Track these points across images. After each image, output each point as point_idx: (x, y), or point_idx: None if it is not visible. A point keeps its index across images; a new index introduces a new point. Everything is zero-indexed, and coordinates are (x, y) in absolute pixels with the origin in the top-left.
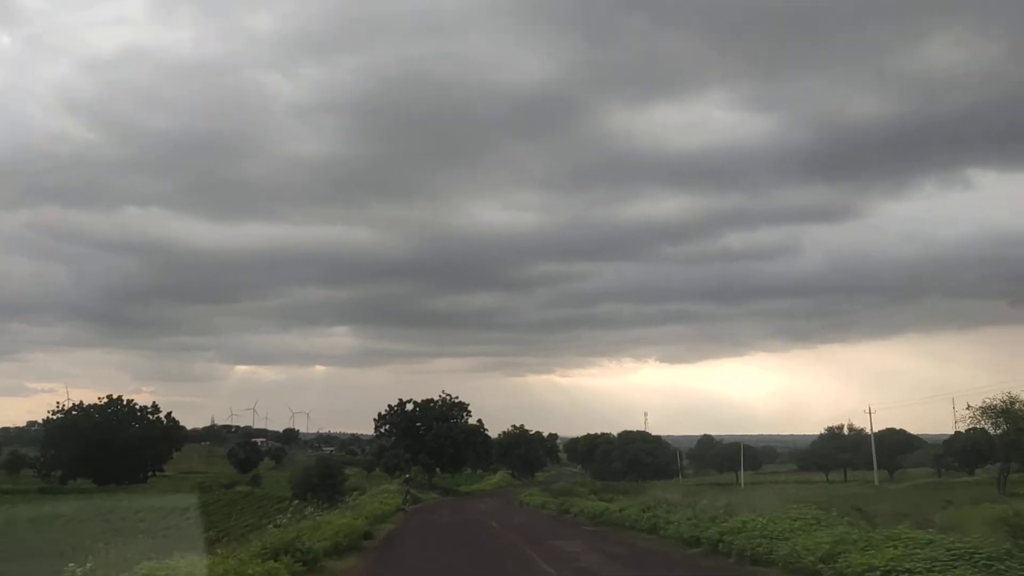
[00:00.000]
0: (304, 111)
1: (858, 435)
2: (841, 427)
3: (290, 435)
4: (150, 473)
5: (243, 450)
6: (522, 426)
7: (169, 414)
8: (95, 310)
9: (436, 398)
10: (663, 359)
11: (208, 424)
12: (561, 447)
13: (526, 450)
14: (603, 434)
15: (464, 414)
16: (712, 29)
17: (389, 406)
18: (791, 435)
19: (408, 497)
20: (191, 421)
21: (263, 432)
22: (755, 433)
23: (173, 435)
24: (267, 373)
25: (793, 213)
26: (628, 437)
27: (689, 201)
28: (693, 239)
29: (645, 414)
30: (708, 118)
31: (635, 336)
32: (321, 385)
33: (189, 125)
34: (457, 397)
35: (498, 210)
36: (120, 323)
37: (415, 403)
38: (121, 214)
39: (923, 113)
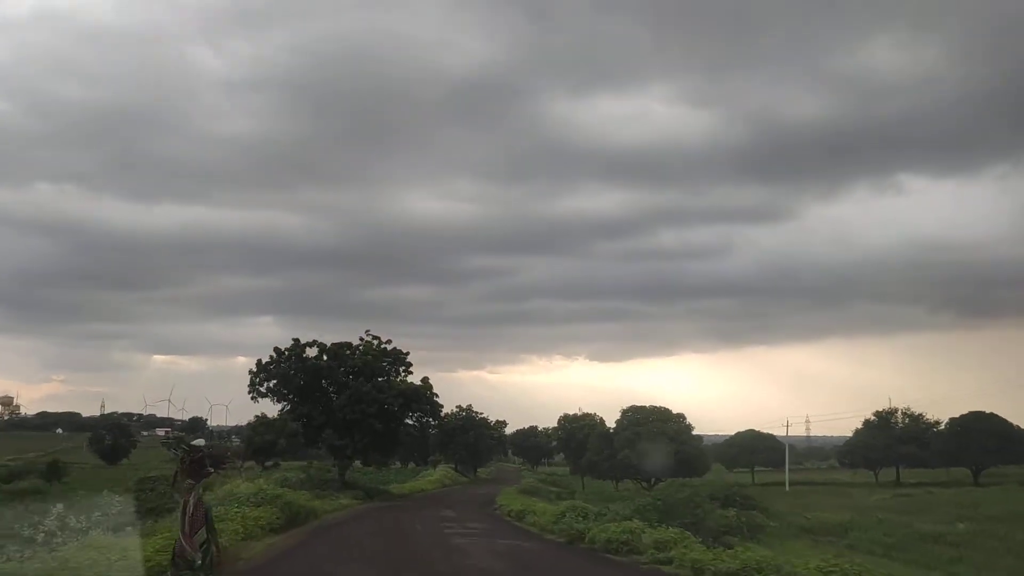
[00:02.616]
0: (231, 86)
1: (917, 424)
2: (894, 412)
3: (196, 424)
4: None
5: (110, 437)
6: (470, 407)
7: None
8: None
9: (358, 341)
10: (593, 357)
11: (104, 412)
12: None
13: (475, 438)
14: (586, 414)
15: (402, 369)
16: (656, 20)
17: (276, 350)
18: (714, 435)
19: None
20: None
21: (169, 421)
22: None
23: None
24: (187, 363)
25: (727, 212)
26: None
27: (626, 196)
28: (628, 235)
29: (579, 410)
30: (648, 111)
31: (566, 333)
32: (243, 377)
33: (108, 97)
34: (390, 343)
35: (432, 199)
36: (28, 307)
37: (321, 347)
38: (31, 191)
39: (860, 116)
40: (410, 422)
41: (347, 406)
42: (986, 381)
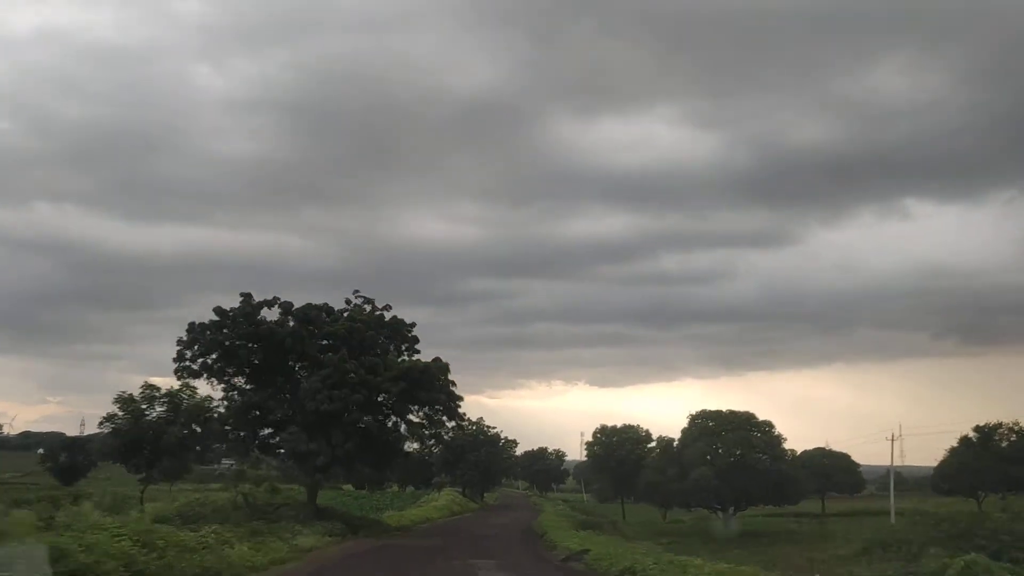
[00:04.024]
0: (232, 106)
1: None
2: (998, 427)
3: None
4: None
5: (67, 456)
6: (480, 420)
7: None
8: None
9: (343, 305)
10: (593, 382)
11: (83, 432)
12: None
13: (487, 456)
14: (628, 426)
15: (404, 348)
16: (661, 43)
17: (219, 311)
18: None
19: None
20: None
21: None
22: None
23: None
24: None
25: (730, 237)
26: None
27: (628, 220)
28: (630, 260)
29: (581, 434)
30: (653, 134)
31: (566, 357)
32: None
33: (108, 116)
34: (388, 309)
35: (434, 221)
36: (26, 328)
37: (286, 308)
38: (30, 211)
39: (865, 140)
40: (415, 419)
41: (321, 391)
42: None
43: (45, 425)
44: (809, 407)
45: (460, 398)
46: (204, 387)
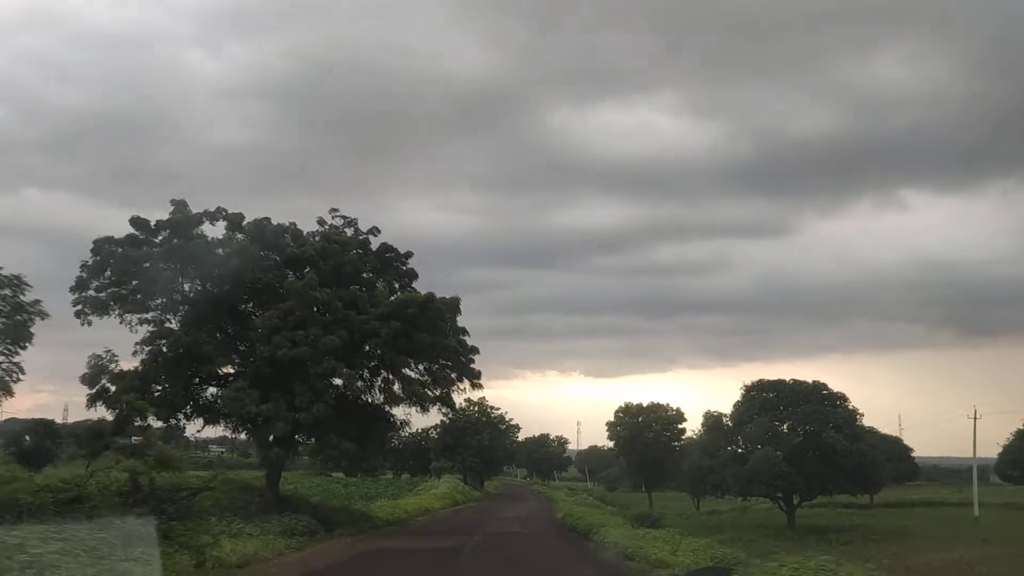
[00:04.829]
0: (227, 93)
1: None
2: None
3: (171, 432)
4: None
5: (31, 439)
6: (482, 400)
7: None
8: None
9: (315, 227)
10: (588, 373)
11: (67, 420)
12: None
13: (491, 439)
14: (656, 404)
15: (397, 286)
16: (660, 30)
17: (136, 222)
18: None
19: None
20: None
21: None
22: None
23: None
24: None
25: (727, 227)
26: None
27: (625, 210)
28: (626, 250)
29: (578, 423)
30: (651, 123)
31: (561, 348)
32: None
33: (101, 102)
34: (377, 232)
35: (429, 210)
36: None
37: (233, 222)
38: (18, 198)
39: (864, 130)
40: (412, 374)
41: (281, 332)
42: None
43: (38, 413)
44: None
45: (475, 350)
46: (117, 329)
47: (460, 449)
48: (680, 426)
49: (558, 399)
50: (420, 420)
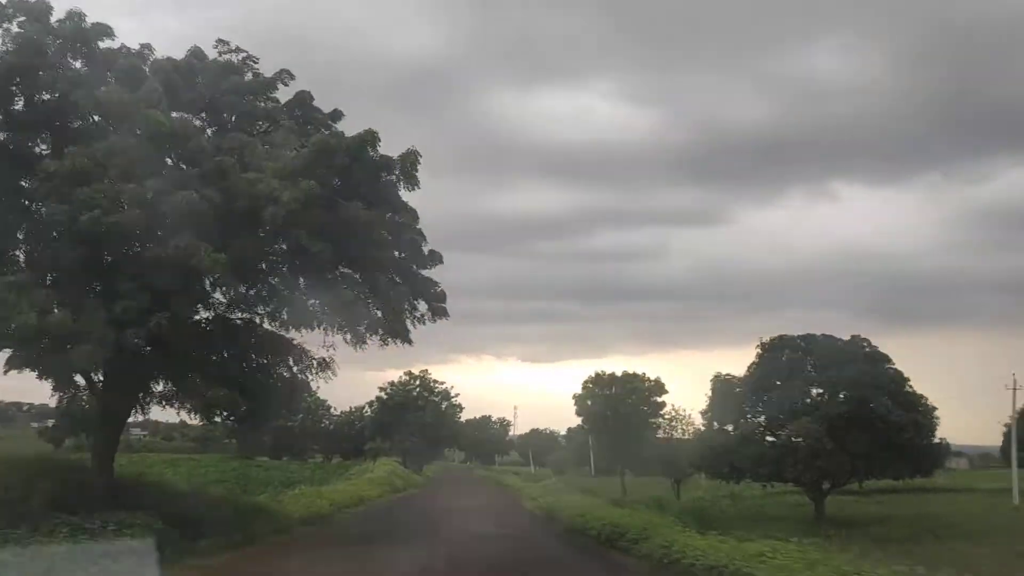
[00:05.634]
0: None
1: None
2: None
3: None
4: None
5: None
6: (425, 372)
7: None
8: None
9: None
10: (525, 358)
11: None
12: None
13: (433, 420)
14: (633, 375)
15: (324, 126)
16: (603, 14)
17: None
18: None
19: None
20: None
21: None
22: None
23: None
24: None
25: (664, 215)
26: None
27: (565, 195)
28: (565, 236)
29: (515, 408)
30: (591, 109)
31: (498, 333)
32: None
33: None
34: (286, 77)
35: None
36: None
37: (33, 11)
38: None
39: (800, 121)
40: (347, 290)
41: (94, 182)
42: None
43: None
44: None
45: (436, 257)
46: None
47: (399, 428)
48: (659, 399)
49: (494, 384)
50: (353, 390)
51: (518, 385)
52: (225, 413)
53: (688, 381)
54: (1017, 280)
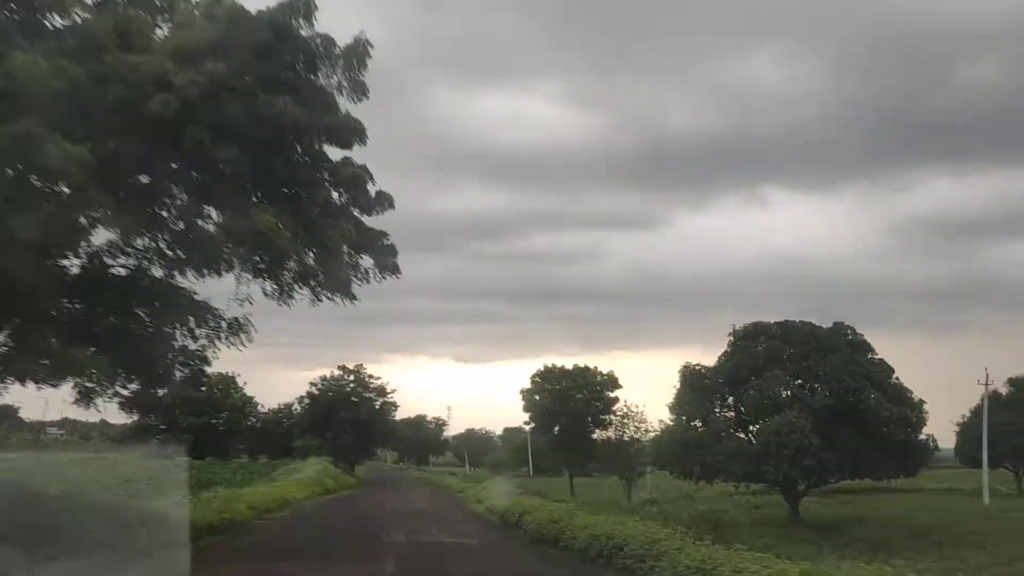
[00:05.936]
0: None
1: None
2: None
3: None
4: None
5: None
6: (359, 367)
7: None
8: None
9: None
10: (458, 358)
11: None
12: None
13: (368, 417)
14: (584, 368)
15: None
16: (546, 16)
17: None
18: None
19: None
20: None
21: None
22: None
23: None
24: None
25: (601, 218)
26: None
27: (503, 197)
28: (502, 237)
29: (448, 408)
30: (533, 110)
31: (434, 334)
32: None
33: None
34: None
35: None
36: None
37: None
38: None
39: (737, 127)
40: (270, 219)
41: None
42: None
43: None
44: (665, 385)
45: (386, 199)
46: None
47: (330, 425)
48: (612, 394)
49: (428, 383)
50: (283, 390)
51: (453, 385)
52: (100, 387)
53: (623, 382)
54: (930, 288)
